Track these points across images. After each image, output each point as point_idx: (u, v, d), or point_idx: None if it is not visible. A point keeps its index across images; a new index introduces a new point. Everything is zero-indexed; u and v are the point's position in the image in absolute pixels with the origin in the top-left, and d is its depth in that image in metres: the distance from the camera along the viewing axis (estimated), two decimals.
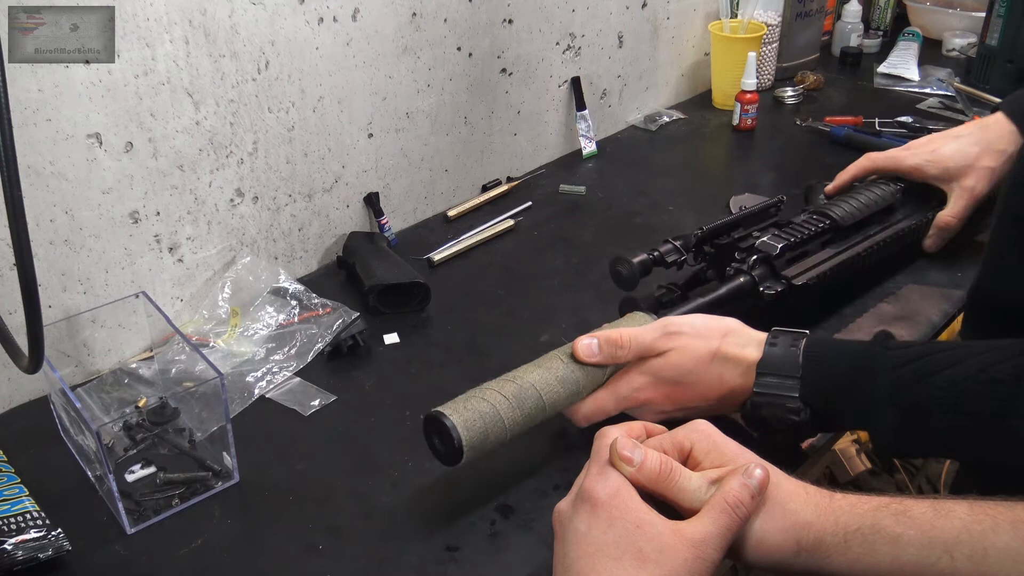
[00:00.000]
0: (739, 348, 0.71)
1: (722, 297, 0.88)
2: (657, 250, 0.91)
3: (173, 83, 0.89)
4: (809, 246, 0.95)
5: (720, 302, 0.87)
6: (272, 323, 0.98)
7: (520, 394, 0.71)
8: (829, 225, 0.96)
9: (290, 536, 0.74)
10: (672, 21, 1.51)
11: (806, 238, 0.94)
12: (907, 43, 1.71)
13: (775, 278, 0.90)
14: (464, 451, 0.67)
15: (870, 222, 1.00)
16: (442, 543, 0.73)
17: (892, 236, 0.99)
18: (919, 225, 1.02)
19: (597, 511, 0.53)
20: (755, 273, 0.89)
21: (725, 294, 0.88)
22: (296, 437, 0.85)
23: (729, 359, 0.71)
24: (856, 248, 0.96)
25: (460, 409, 0.68)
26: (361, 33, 1.04)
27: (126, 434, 0.83)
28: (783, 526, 0.53)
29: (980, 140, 1.00)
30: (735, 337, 0.72)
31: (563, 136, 1.39)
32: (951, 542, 0.50)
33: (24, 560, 0.69)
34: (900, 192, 1.04)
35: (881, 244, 0.98)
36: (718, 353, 0.72)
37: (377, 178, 1.14)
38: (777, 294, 0.88)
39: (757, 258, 0.90)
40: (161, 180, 0.92)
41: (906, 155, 1.04)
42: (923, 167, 1.02)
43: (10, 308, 0.83)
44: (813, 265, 0.92)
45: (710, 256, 0.94)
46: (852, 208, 0.98)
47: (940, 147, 1.02)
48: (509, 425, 0.70)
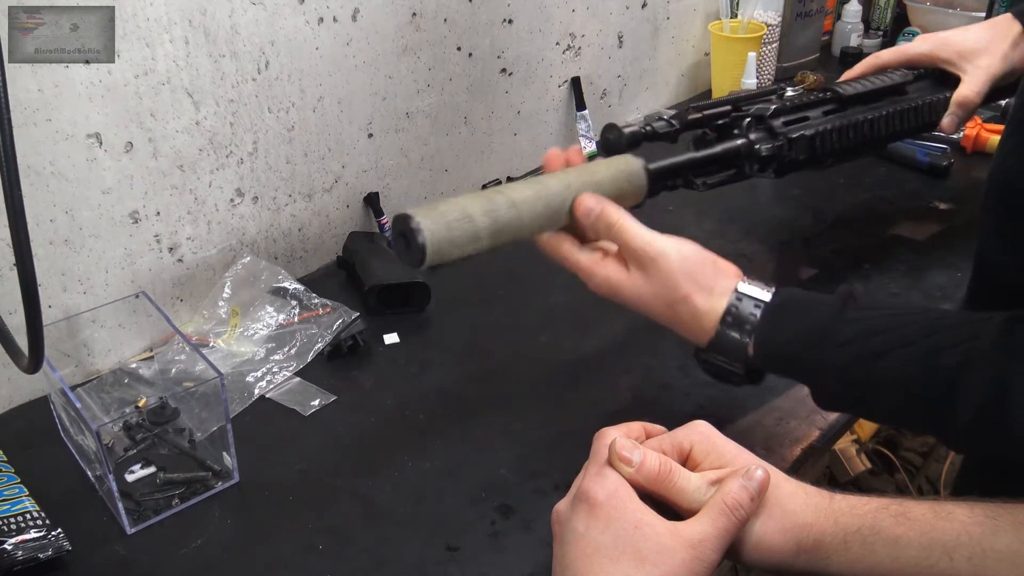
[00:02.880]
0: (694, 318, 0.70)
1: (716, 155, 0.83)
2: (649, 123, 0.85)
3: (173, 83, 0.89)
4: (809, 113, 0.90)
5: (713, 160, 0.83)
6: (272, 323, 0.98)
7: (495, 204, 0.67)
8: (831, 96, 0.92)
9: (290, 536, 0.74)
10: (672, 21, 1.50)
11: (805, 104, 0.90)
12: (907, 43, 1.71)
13: (772, 138, 0.86)
14: (426, 248, 0.63)
15: (879, 99, 0.96)
16: (442, 543, 0.73)
17: (903, 109, 0.96)
18: (935, 103, 0.98)
19: (595, 511, 0.53)
20: (751, 135, 0.86)
21: (720, 152, 0.84)
22: (296, 437, 0.85)
23: (697, 312, 0.70)
24: (861, 116, 0.92)
25: (430, 213, 0.64)
26: (361, 33, 1.04)
27: (126, 434, 0.83)
28: (782, 527, 0.53)
29: (990, 28, 1.00)
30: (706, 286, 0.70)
31: (563, 136, 1.39)
32: (951, 544, 0.50)
33: (24, 560, 0.69)
34: (911, 78, 1.00)
35: (890, 115, 0.94)
36: (676, 309, 0.70)
37: (377, 178, 1.14)
38: (774, 148, 0.85)
39: (751, 121, 0.86)
40: (161, 180, 0.92)
41: (915, 43, 1.03)
42: (934, 51, 1.01)
43: (10, 308, 0.83)
44: (812, 127, 0.88)
45: (710, 141, 0.88)
46: (858, 85, 0.94)
47: (950, 34, 1.02)
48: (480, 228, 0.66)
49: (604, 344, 0.96)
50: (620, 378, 0.91)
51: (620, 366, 0.92)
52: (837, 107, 0.93)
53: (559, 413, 0.86)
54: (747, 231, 1.15)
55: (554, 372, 0.92)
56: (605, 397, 0.89)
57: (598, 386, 0.90)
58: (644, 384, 0.90)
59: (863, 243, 1.12)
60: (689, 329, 0.71)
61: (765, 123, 0.87)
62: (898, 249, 1.10)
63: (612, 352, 0.95)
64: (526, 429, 0.84)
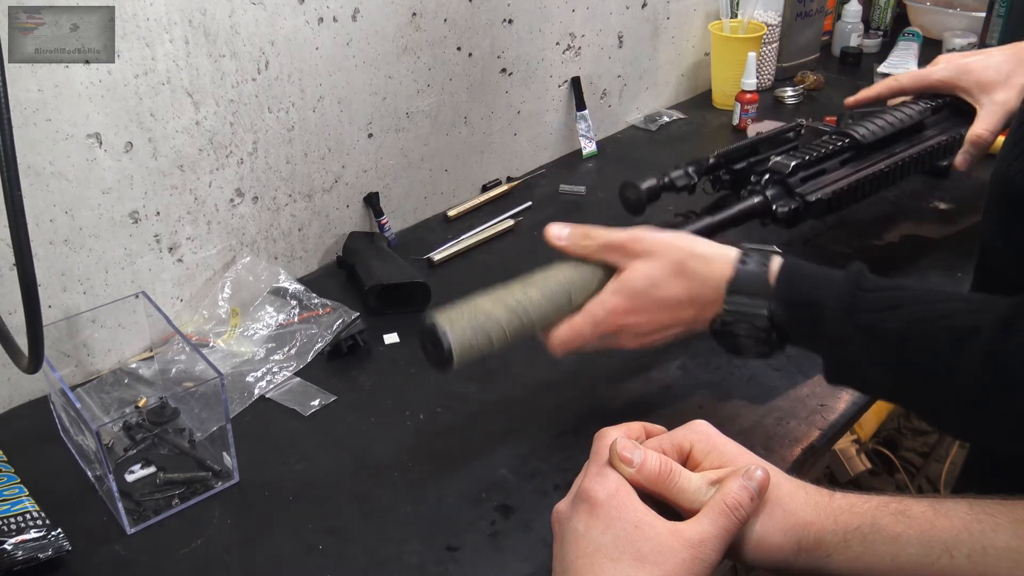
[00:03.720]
0: (706, 264, 0.70)
1: (733, 217, 0.84)
2: (667, 175, 0.87)
3: (173, 83, 0.89)
4: (827, 164, 0.90)
5: (731, 222, 0.83)
6: (272, 323, 0.98)
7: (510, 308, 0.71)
8: (849, 144, 0.91)
9: (290, 536, 0.74)
10: (672, 21, 1.51)
11: (823, 156, 0.89)
12: (907, 43, 1.71)
13: (789, 197, 0.86)
14: (454, 357, 0.68)
15: (896, 140, 0.95)
16: (442, 543, 0.73)
17: (918, 153, 0.94)
18: (949, 143, 0.97)
19: (595, 511, 0.53)
20: (768, 192, 0.85)
21: (736, 214, 0.84)
22: (296, 437, 0.85)
23: (698, 275, 0.70)
24: (878, 166, 0.91)
25: (455, 318, 0.69)
26: (361, 33, 1.04)
27: (126, 434, 0.83)
28: (783, 526, 0.53)
29: (1012, 57, 0.97)
30: (702, 253, 0.71)
31: (563, 136, 1.39)
32: (951, 541, 0.50)
33: (24, 560, 0.69)
34: (929, 111, 0.98)
35: (906, 161, 0.93)
36: (686, 267, 0.70)
37: (377, 178, 1.14)
38: (791, 211, 0.84)
39: (770, 177, 0.86)
40: (161, 180, 0.92)
41: (934, 69, 1.01)
42: (954, 79, 0.99)
43: (10, 308, 0.83)
44: (830, 183, 0.87)
45: (727, 183, 0.90)
46: (875, 127, 0.93)
47: (971, 62, 0.99)
48: (496, 338, 0.70)
49: None
50: (620, 378, 0.91)
51: (620, 366, 0.92)
52: (854, 155, 0.92)
53: (559, 413, 0.86)
54: (747, 231, 1.14)
55: (554, 372, 0.92)
56: (605, 397, 0.89)
57: (598, 386, 0.90)
58: (644, 384, 0.90)
59: (863, 243, 1.12)
60: (704, 289, 0.69)
61: (783, 181, 0.86)
62: (898, 249, 1.10)
63: (612, 352, 0.94)
64: (526, 429, 0.84)
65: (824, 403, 0.86)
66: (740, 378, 0.90)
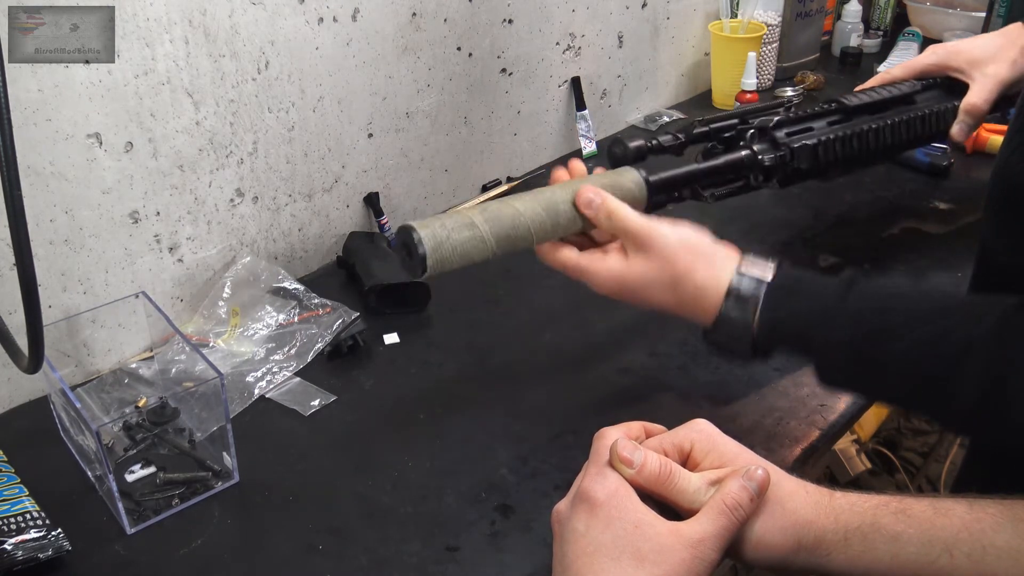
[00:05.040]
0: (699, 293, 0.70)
1: (718, 167, 0.84)
2: (655, 138, 0.86)
3: (173, 83, 0.89)
4: (814, 124, 0.91)
5: (715, 171, 0.84)
6: (272, 323, 0.98)
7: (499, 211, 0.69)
8: (836, 107, 0.92)
9: (290, 536, 0.74)
10: (672, 21, 1.51)
11: (809, 115, 0.90)
12: (907, 43, 1.71)
13: (775, 148, 0.86)
14: (427, 256, 0.66)
15: (885, 108, 0.96)
16: (442, 543, 0.73)
17: (910, 119, 0.96)
18: (943, 112, 0.98)
19: (595, 511, 0.53)
20: (755, 146, 0.86)
21: (722, 164, 0.84)
22: (296, 437, 0.85)
23: (687, 298, 0.71)
24: (865, 126, 0.92)
25: (431, 222, 0.67)
26: (361, 33, 1.04)
27: (126, 434, 0.83)
28: (783, 525, 0.53)
29: (1000, 35, 1.00)
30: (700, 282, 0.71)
31: (563, 136, 1.39)
32: (950, 540, 0.51)
33: (24, 560, 0.69)
34: (920, 88, 1.00)
35: (896, 124, 0.94)
36: (680, 287, 0.71)
37: (377, 178, 1.14)
38: (777, 158, 0.85)
39: (754, 132, 0.87)
40: (161, 180, 0.92)
41: (924, 55, 1.03)
42: (944, 61, 1.01)
43: (10, 308, 0.83)
44: (815, 137, 0.89)
45: (719, 153, 0.89)
46: (864, 96, 0.94)
47: (960, 43, 1.02)
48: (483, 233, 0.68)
49: (604, 344, 0.96)
50: (620, 378, 0.91)
51: (620, 366, 0.92)
52: (842, 118, 0.93)
53: (559, 413, 0.86)
54: (747, 231, 1.14)
55: (554, 372, 0.92)
56: (605, 397, 0.89)
57: (598, 386, 0.90)
58: (644, 384, 0.90)
59: (863, 243, 1.12)
60: (693, 309, 0.71)
61: (769, 134, 0.88)
62: (898, 249, 1.10)
63: (612, 352, 0.95)
64: (526, 429, 0.84)
65: (824, 403, 0.86)
66: (740, 378, 0.90)
